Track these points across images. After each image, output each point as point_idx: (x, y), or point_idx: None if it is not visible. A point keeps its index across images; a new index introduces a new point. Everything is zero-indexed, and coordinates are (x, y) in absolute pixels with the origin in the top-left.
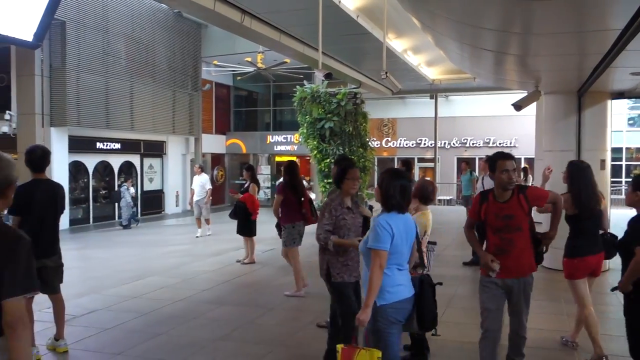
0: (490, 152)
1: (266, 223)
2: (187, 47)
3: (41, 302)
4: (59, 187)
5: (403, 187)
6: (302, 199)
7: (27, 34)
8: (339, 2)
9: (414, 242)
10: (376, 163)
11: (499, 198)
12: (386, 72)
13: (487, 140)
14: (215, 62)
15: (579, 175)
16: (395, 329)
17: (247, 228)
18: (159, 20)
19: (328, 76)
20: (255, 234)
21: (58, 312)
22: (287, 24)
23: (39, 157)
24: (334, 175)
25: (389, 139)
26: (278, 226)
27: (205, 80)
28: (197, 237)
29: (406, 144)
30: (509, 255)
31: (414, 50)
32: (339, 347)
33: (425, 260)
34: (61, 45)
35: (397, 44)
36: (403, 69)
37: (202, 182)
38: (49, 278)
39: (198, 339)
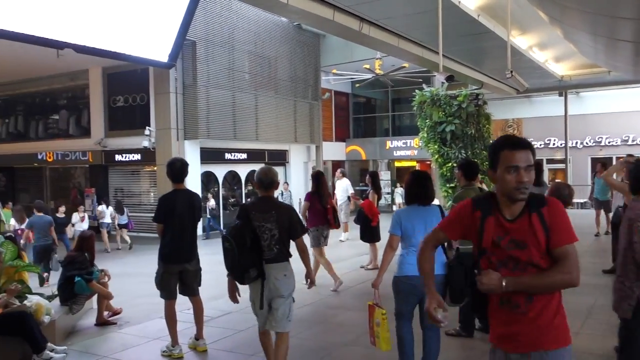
0: (630, 151)
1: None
2: (307, 58)
3: (182, 304)
4: (195, 196)
5: (419, 187)
6: (327, 206)
7: (162, 55)
8: (459, 2)
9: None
10: None
11: (506, 213)
12: (511, 71)
13: (626, 138)
14: (334, 70)
15: None
16: (399, 294)
17: (368, 234)
18: (280, 33)
19: (449, 78)
20: (378, 240)
21: (197, 313)
22: (406, 28)
23: (179, 169)
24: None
25: None
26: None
27: (325, 89)
28: (340, 240)
29: (533, 145)
30: (517, 313)
31: (540, 46)
32: (369, 302)
33: None
34: (192, 63)
35: (522, 41)
36: (528, 67)
37: (344, 187)
38: (189, 281)
39: (326, 343)
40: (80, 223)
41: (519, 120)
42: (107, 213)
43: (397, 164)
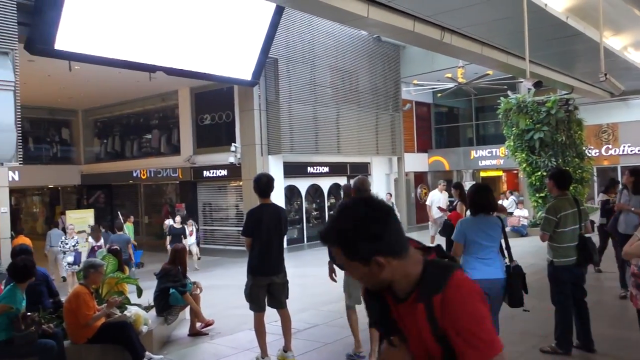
0: None
1: None
2: (387, 70)
3: (270, 316)
4: (282, 210)
5: (481, 198)
6: None
7: (246, 74)
8: (545, 5)
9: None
10: (596, 173)
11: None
12: (605, 74)
13: None
14: (415, 81)
15: None
16: None
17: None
18: (360, 46)
19: (538, 84)
20: None
21: (285, 325)
22: (489, 35)
23: (265, 184)
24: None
25: (610, 146)
26: None
27: (406, 100)
28: None
29: (631, 151)
30: None
31: (636, 46)
32: None
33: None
34: (275, 80)
35: (615, 41)
36: (624, 68)
37: (445, 200)
38: (277, 293)
39: None
40: (189, 237)
41: (615, 125)
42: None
43: (482, 173)
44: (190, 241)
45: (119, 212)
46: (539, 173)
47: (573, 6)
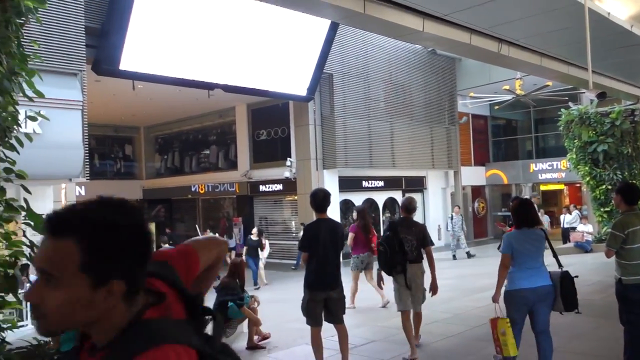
0: None
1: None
2: (442, 83)
3: (327, 330)
4: (339, 225)
5: (524, 212)
6: (370, 236)
7: (301, 89)
8: (608, 14)
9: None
10: None
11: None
12: None
13: None
14: (471, 94)
15: None
16: (511, 305)
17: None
18: (414, 60)
19: (601, 95)
20: None
21: (342, 340)
22: (549, 46)
23: (322, 199)
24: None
25: None
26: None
27: (462, 113)
28: None
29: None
30: None
31: None
32: (490, 318)
33: None
34: (329, 95)
35: None
36: None
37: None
38: (333, 308)
39: None
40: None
41: None
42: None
43: (542, 187)
44: (264, 254)
45: (196, 226)
46: (604, 187)
47: (637, 14)
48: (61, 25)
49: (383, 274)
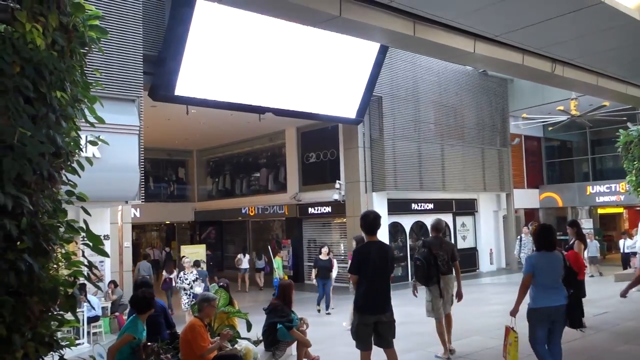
0: None
1: (596, 283)
2: (494, 104)
3: (376, 354)
4: (389, 248)
5: (545, 237)
6: None
7: (351, 112)
8: None
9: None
10: None
11: None
12: None
13: None
14: (524, 115)
15: None
16: (535, 322)
17: (575, 289)
18: (465, 81)
19: None
20: (584, 295)
21: None
22: (605, 64)
23: (372, 221)
24: None
25: None
26: None
27: (514, 134)
28: None
29: None
30: None
31: None
32: (506, 325)
33: None
34: (379, 118)
35: None
36: None
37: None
38: (384, 332)
39: None
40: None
41: None
42: (244, 260)
43: (600, 210)
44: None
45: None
46: None
47: None
48: (121, 54)
49: (417, 285)
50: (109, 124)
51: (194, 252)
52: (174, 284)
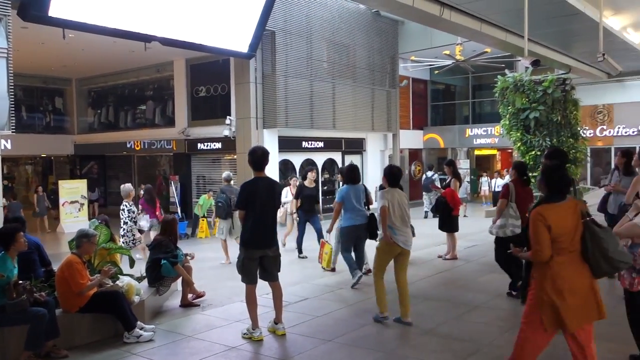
0: None
1: (469, 218)
2: (385, 46)
3: (262, 288)
4: (276, 184)
5: (351, 174)
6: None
7: (243, 46)
8: None
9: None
10: (589, 154)
11: None
12: (603, 54)
13: None
14: (413, 57)
15: None
16: (345, 237)
17: (448, 224)
18: (358, 21)
19: (535, 63)
20: (457, 230)
21: (277, 298)
22: (489, 12)
23: (260, 157)
24: None
25: (604, 127)
26: None
27: (403, 76)
28: None
29: (625, 132)
30: None
31: (635, 26)
32: (322, 240)
33: None
34: (271, 53)
35: (615, 21)
36: (622, 49)
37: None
38: (269, 266)
39: (403, 332)
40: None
41: (610, 106)
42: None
43: (477, 152)
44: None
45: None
46: (533, 152)
47: None
48: None
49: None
50: None
51: (74, 188)
52: None
